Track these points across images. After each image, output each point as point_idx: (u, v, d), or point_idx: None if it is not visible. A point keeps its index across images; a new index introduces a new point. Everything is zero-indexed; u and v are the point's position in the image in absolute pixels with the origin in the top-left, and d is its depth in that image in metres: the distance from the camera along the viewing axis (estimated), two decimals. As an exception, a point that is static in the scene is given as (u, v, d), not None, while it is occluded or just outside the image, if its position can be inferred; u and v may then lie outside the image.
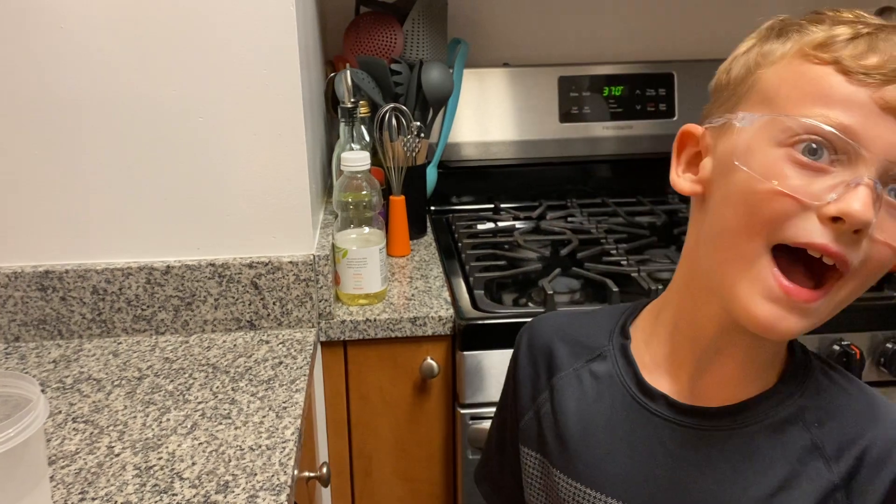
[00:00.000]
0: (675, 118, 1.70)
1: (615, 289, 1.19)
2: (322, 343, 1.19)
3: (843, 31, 0.55)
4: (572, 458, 0.69)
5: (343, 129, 1.37)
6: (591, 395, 0.70)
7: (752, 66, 0.59)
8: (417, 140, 1.42)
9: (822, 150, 0.54)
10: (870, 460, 0.61)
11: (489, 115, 1.70)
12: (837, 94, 0.54)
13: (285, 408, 0.95)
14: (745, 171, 0.56)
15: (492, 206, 1.70)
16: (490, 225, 1.60)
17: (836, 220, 0.53)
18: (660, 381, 0.67)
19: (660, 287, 1.20)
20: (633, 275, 1.29)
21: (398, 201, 1.40)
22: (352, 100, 1.36)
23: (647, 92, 1.70)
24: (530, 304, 1.25)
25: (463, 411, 1.19)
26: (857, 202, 0.52)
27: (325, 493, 1.25)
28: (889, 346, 1.19)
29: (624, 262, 1.35)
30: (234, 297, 1.14)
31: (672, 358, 0.66)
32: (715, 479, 0.62)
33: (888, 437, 0.62)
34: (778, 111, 0.56)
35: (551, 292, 1.19)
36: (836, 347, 1.18)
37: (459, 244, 1.46)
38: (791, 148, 0.55)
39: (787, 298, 0.55)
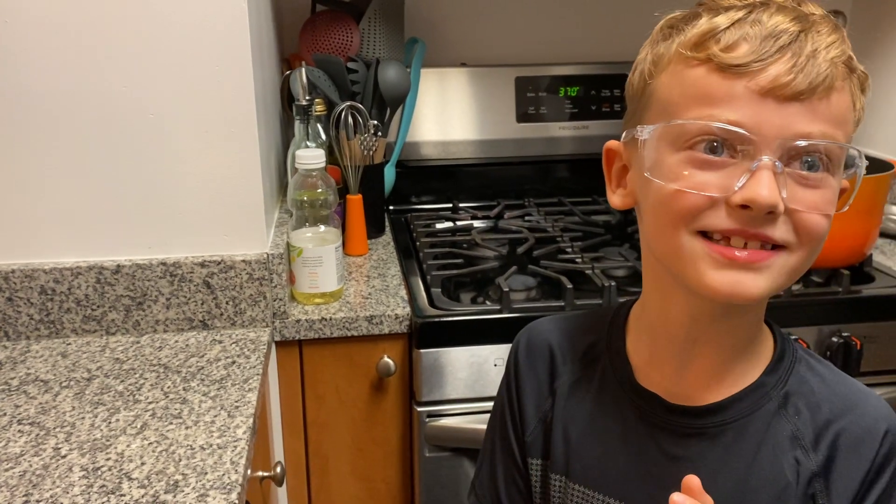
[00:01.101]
0: (630, 118, 1.72)
1: (569, 286, 1.21)
2: (277, 343, 1.18)
3: (716, 23, 0.57)
4: (570, 460, 0.70)
5: (298, 127, 1.36)
6: (589, 398, 0.70)
7: (647, 75, 0.62)
8: (374, 139, 1.42)
9: (721, 146, 0.56)
10: (844, 447, 0.62)
11: (448, 114, 1.70)
12: (718, 93, 0.56)
13: (237, 407, 0.94)
14: (655, 181, 0.59)
15: (450, 205, 1.70)
16: (448, 224, 1.61)
17: (745, 206, 0.55)
18: (651, 381, 0.67)
19: (612, 284, 1.21)
20: (587, 272, 1.31)
21: (355, 200, 1.40)
22: (307, 98, 1.35)
23: (602, 92, 1.72)
24: (487, 301, 1.26)
25: (420, 409, 1.19)
26: (760, 187, 0.54)
27: (282, 494, 1.24)
28: (834, 339, 1.22)
29: (579, 260, 1.37)
30: (186, 297, 1.12)
31: (657, 356, 0.67)
32: (707, 475, 0.62)
33: (862, 423, 0.63)
34: (673, 117, 0.58)
35: (507, 290, 1.20)
36: None
37: (417, 243, 1.46)
38: (691, 150, 0.57)
39: (734, 262, 0.56)
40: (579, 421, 0.62)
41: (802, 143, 0.55)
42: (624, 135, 0.65)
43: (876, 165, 1.33)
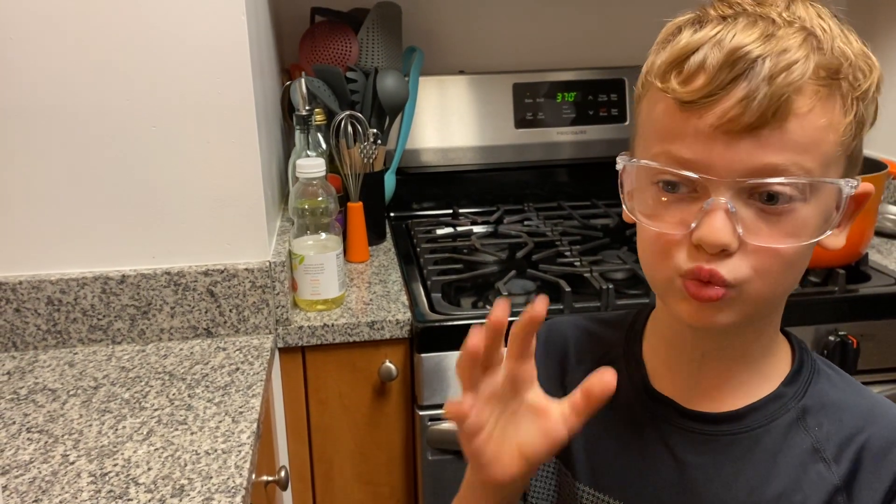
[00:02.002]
0: (626, 122, 1.74)
1: (568, 289, 1.22)
2: (280, 349, 1.20)
3: (687, 45, 0.56)
4: (582, 462, 0.69)
5: (299, 136, 1.38)
6: None
7: (639, 95, 0.62)
8: (374, 147, 1.44)
9: (678, 182, 0.57)
10: (868, 460, 0.61)
11: (447, 121, 1.72)
12: (676, 128, 0.56)
13: (241, 413, 0.96)
14: (632, 216, 0.60)
15: (450, 211, 1.72)
16: (449, 230, 1.62)
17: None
18: (665, 387, 0.67)
19: (611, 287, 1.23)
20: (585, 275, 1.32)
21: (356, 207, 1.42)
22: (307, 108, 1.37)
23: (599, 97, 1.74)
24: (487, 306, 1.28)
25: (422, 413, 1.21)
26: (711, 227, 0.54)
27: (287, 498, 1.26)
28: (831, 338, 1.23)
29: (577, 264, 1.38)
30: (190, 305, 1.14)
31: (671, 364, 0.67)
32: (721, 483, 0.63)
33: (885, 435, 0.62)
34: (645, 148, 0.59)
35: (507, 294, 1.22)
36: None
37: (418, 249, 1.48)
38: (656, 185, 0.58)
39: (695, 299, 0.57)
40: (591, 423, 0.61)
41: (751, 181, 0.54)
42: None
43: (871, 165, 1.34)
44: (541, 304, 0.54)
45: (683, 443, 0.64)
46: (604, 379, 0.55)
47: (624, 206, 0.64)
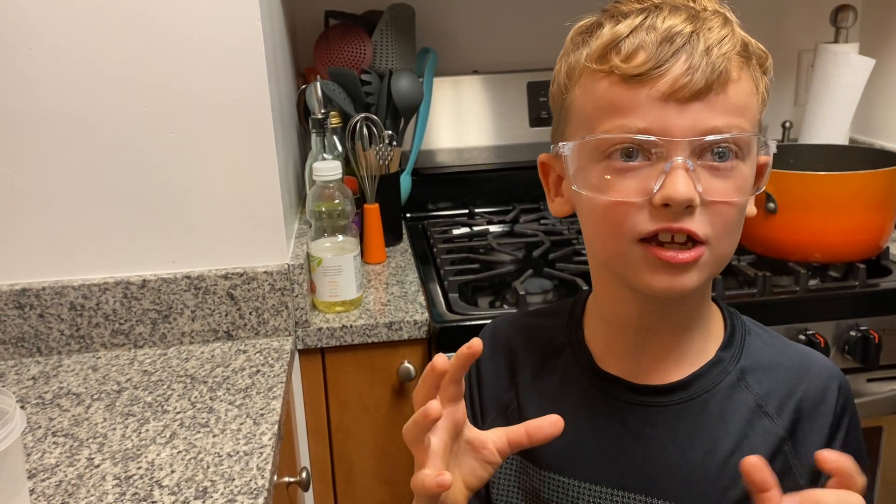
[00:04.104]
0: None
1: (585, 287, 1.22)
2: (300, 351, 1.21)
3: (616, 32, 0.61)
4: (542, 449, 0.70)
5: (315, 139, 1.39)
6: (554, 388, 0.73)
7: (563, 87, 0.66)
8: (390, 148, 1.44)
9: (636, 151, 0.60)
10: (807, 408, 0.67)
11: (462, 121, 1.72)
12: (624, 103, 0.60)
13: (262, 415, 0.97)
14: (583, 192, 0.63)
15: (466, 211, 1.72)
16: (465, 230, 1.63)
17: (666, 204, 0.59)
18: (613, 366, 0.71)
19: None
20: (603, 273, 1.32)
21: (372, 209, 1.43)
22: (322, 111, 1.38)
23: (614, 94, 1.73)
24: (504, 305, 1.28)
25: (441, 413, 1.21)
26: (676, 185, 0.58)
27: (309, 499, 1.27)
28: (852, 333, 1.22)
29: (595, 262, 1.38)
30: (210, 309, 1.15)
31: (614, 345, 0.71)
32: (677, 450, 0.67)
33: (818, 384, 0.68)
34: (589, 130, 0.62)
35: (523, 293, 1.22)
36: (802, 337, 1.21)
37: (434, 249, 1.49)
38: (609, 159, 0.61)
39: (668, 263, 0.60)
40: (547, 411, 0.64)
41: (709, 138, 0.59)
42: (552, 148, 0.69)
43: (888, 158, 1.33)
44: (477, 342, 0.57)
45: (637, 417, 0.68)
46: (556, 424, 0.59)
47: (549, 202, 0.71)
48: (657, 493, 0.67)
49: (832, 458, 0.52)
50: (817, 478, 0.64)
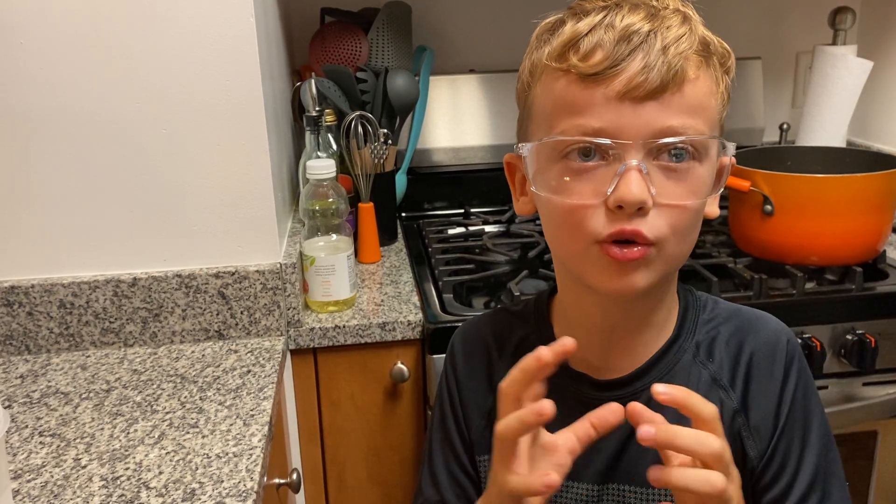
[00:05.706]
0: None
1: (580, 289, 1.21)
2: (292, 351, 1.20)
3: (576, 31, 0.61)
4: None
5: (309, 137, 1.38)
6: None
7: (526, 85, 0.67)
8: (385, 147, 1.43)
9: (592, 150, 0.60)
10: (756, 371, 0.69)
11: (458, 120, 1.71)
12: (581, 102, 0.60)
13: (253, 415, 0.96)
14: (542, 194, 0.63)
15: (462, 210, 1.71)
16: (460, 230, 1.62)
17: (619, 207, 0.59)
18: (581, 364, 0.71)
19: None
20: (598, 275, 1.31)
21: (367, 208, 1.41)
22: (317, 108, 1.37)
23: (611, 95, 1.72)
24: (499, 306, 1.27)
25: (434, 414, 1.20)
26: (630, 187, 0.58)
27: (300, 501, 1.25)
28: (849, 337, 1.21)
29: (590, 263, 1.37)
30: (201, 308, 1.14)
31: (582, 342, 0.71)
32: None
33: (767, 340, 0.70)
34: (548, 129, 0.62)
35: (518, 294, 1.21)
36: (798, 340, 1.20)
37: (429, 249, 1.48)
38: (566, 159, 0.61)
39: (621, 262, 0.61)
40: None
41: (663, 140, 0.59)
42: (514, 147, 0.69)
43: (886, 161, 1.33)
44: (570, 340, 0.57)
45: None
46: (614, 410, 0.58)
47: (515, 201, 0.72)
48: (637, 482, 0.68)
49: (662, 391, 0.53)
50: (766, 448, 0.66)
